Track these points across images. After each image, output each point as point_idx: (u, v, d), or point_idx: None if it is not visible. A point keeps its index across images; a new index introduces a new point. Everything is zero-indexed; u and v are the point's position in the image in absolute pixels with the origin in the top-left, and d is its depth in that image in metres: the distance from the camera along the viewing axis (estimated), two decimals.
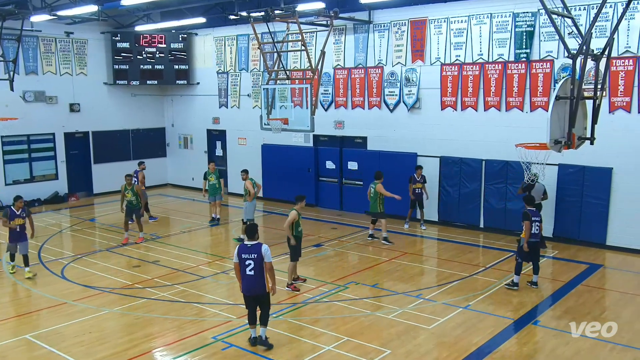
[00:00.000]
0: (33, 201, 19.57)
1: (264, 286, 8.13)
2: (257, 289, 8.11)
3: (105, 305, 10.26)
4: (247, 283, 8.11)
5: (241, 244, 8.22)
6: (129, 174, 15.04)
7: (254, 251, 8.01)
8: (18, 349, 8.54)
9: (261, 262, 8.01)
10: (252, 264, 7.99)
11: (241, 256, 8.07)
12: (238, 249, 8.14)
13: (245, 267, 8.04)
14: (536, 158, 9.72)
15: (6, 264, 12.27)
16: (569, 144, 8.99)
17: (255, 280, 8.05)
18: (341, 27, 17.26)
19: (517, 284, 10.77)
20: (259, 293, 8.15)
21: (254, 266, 7.99)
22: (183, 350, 8.42)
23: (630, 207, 12.88)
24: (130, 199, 14.47)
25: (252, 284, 8.08)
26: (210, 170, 16.56)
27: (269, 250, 8.11)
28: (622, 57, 12.79)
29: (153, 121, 23.00)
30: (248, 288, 8.14)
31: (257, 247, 8.03)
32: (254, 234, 8.15)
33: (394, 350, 8.30)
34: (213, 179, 16.43)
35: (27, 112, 17.18)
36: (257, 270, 8.01)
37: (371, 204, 14.18)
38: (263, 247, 8.03)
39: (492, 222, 15.07)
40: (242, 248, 8.10)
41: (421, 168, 15.44)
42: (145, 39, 21.10)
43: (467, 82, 15.15)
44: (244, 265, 8.04)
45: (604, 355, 8.13)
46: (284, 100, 16.11)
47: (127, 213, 14.56)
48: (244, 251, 8.06)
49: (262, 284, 8.10)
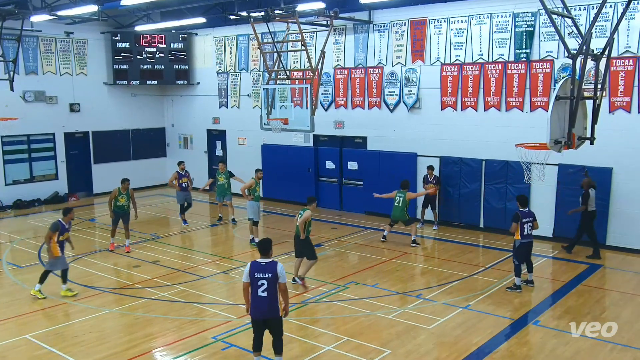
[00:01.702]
0: (33, 201, 19.59)
1: (277, 309, 7.30)
2: (270, 312, 7.25)
3: (105, 305, 10.27)
4: (259, 305, 7.23)
5: (253, 262, 7.37)
6: (127, 179, 14.06)
7: (268, 270, 7.19)
8: (18, 349, 8.54)
9: (276, 282, 7.19)
10: (266, 284, 7.15)
11: (254, 275, 7.22)
12: (250, 267, 7.29)
13: (257, 288, 7.18)
14: (536, 158, 9.71)
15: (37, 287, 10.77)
16: (569, 144, 8.99)
17: (268, 302, 7.19)
18: (341, 27, 17.27)
19: (520, 286, 10.77)
20: (271, 317, 7.29)
21: (267, 287, 7.15)
22: (183, 350, 8.42)
23: (630, 207, 12.88)
24: (123, 203, 13.72)
25: (264, 306, 7.21)
26: (220, 170, 16.47)
27: (284, 269, 7.33)
28: (622, 57, 12.79)
29: (153, 121, 23.00)
30: (259, 311, 7.27)
31: (272, 266, 7.22)
32: (268, 250, 7.37)
33: (394, 350, 8.30)
34: (222, 179, 16.32)
35: (27, 112, 17.20)
36: (271, 292, 7.18)
37: (398, 213, 13.84)
38: (278, 265, 7.25)
39: (492, 222, 15.07)
40: (254, 266, 7.27)
41: (432, 169, 15.38)
42: (145, 39, 21.10)
43: (467, 82, 15.15)
44: (256, 286, 7.19)
45: (604, 355, 8.13)
46: (284, 100, 16.12)
47: (115, 219, 13.84)
48: (257, 270, 7.22)
49: (275, 307, 7.26)
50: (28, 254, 13.73)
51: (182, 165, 16.52)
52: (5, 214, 18.56)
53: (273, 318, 7.33)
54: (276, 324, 7.40)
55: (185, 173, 16.21)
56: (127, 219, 13.93)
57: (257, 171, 14.49)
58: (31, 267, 12.69)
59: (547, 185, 13.27)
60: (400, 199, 13.84)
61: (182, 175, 16.10)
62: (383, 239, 14.37)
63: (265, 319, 7.33)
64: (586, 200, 12.46)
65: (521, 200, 10.97)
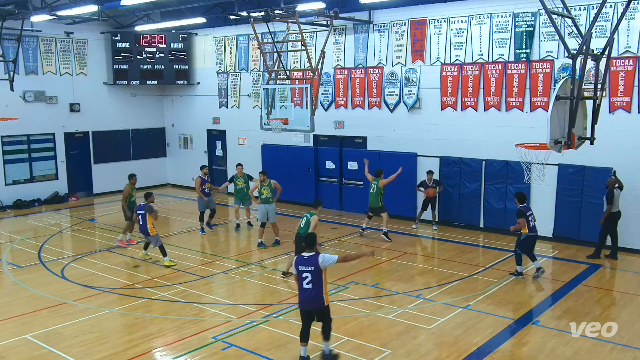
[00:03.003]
0: (33, 201, 19.59)
1: (322, 300, 7.62)
2: (315, 302, 7.62)
3: (105, 305, 10.26)
4: (305, 297, 7.64)
5: (298, 256, 7.77)
6: (134, 174, 14.67)
7: (310, 263, 7.55)
8: (18, 349, 8.53)
9: (319, 274, 7.51)
10: (310, 276, 7.52)
11: (298, 268, 7.64)
12: (295, 260, 7.76)
13: (302, 280, 7.59)
14: (536, 158, 9.72)
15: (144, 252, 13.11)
16: (569, 144, 8.99)
17: (312, 293, 7.56)
18: (341, 27, 17.27)
19: (522, 273, 11.37)
20: (317, 307, 7.64)
21: (311, 279, 7.52)
22: (183, 350, 8.42)
23: (630, 207, 12.87)
24: (136, 197, 14.31)
25: (310, 297, 7.60)
26: (238, 174, 15.64)
27: (326, 256, 7.62)
28: (622, 57, 12.79)
29: (153, 121, 23.00)
30: (306, 302, 7.67)
31: (314, 259, 7.55)
32: (312, 244, 7.75)
33: (394, 350, 8.30)
34: (241, 184, 15.54)
35: (27, 112, 17.17)
36: (315, 283, 7.53)
37: (372, 200, 14.41)
38: (319, 257, 7.56)
39: (492, 222, 15.07)
40: (299, 260, 7.68)
41: (432, 173, 15.31)
42: (145, 39, 21.10)
43: (467, 82, 15.15)
44: (301, 279, 7.59)
45: (604, 355, 8.13)
46: (284, 100, 16.10)
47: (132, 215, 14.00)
48: (301, 263, 7.61)
49: (320, 298, 7.60)
50: (28, 254, 13.72)
51: (205, 170, 15.76)
52: (5, 214, 18.56)
53: (319, 308, 7.66)
54: (323, 313, 7.74)
55: (207, 178, 15.60)
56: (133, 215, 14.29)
57: (260, 173, 14.51)
58: (31, 267, 12.68)
59: (547, 185, 13.27)
60: (375, 185, 14.37)
61: (205, 180, 15.47)
62: (361, 232, 14.67)
63: (313, 309, 7.68)
64: (611, 200, 12.25)
65: (520, 197, 11.51)
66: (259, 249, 13.80)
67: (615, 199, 12.30)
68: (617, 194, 12.34)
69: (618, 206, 12.44)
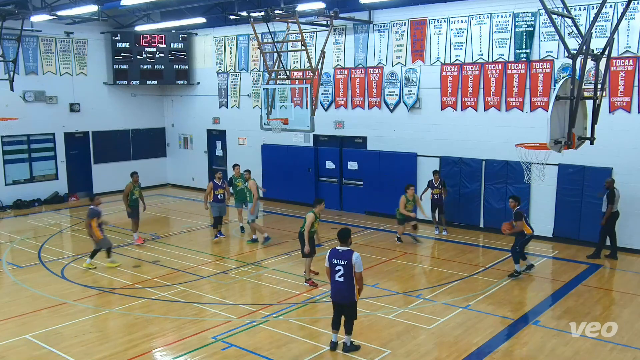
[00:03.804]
0: (33, 201, 19.59)
1: (352, 295, 7.93)
2: (345, 297, 7.93)
3: (105, 305, 10.27)
4: (337, 289, 7.98)
5: (333, 249, 8.06)
6: (136, 172, 14.57)
7: (344, 257, 7.86)
8: (18, 349, 8.54)
9: (351, 269, 7.81)
10: (342, 270, 7.84)
11: (332, 261, 7.95)
12: (329, 253, 8.03)
13: (335, 273, 7.92)
14: (536, 158, 9.72)
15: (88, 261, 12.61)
16: (569, 144, 8.99)
17: (344, 287, 7.89)
18: (341, 27, 17.27)
19: (521, 272, 11.45)
20: (345, 302, 7.97)
21: (343, 272, 7.84)
22: (183, 350, 8.42)
23: (629, 207, 12.87)
24: (138, 196, 14.33)
25: (341, 290, 7.93)
26: (235, 174, 15.17)
27: (360, 258, 7.90)
28: (622, 57, 12.79)
29: (153, 121, 23.00)
30: (337, 294, 8.00)
31: (348, 254, 7.87)
32: (347, 238, 8.01)
33: (394, 350, 8.30)
34: (241, 184, 14.94)
35: (27, 112, 17.17)
36: (347, 277, 7.85)
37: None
38: (354, 255, 7.85)
39: (492, 222, 15.05)
40: (333, 253, 7.99)
41: (438, 173, 15.12)
42: (145, 39, 21.10)
43: (467, 82, 15.15)
44: (334, 271, 7.92)
45: (604, 355, 8.13)
46: (284, 100, 16.09)
47: (134, 213, 14.33)
48: (335, 256, 7.94)
49: (351, 293, 7.91)
50: (28, 254, 13.73)
51: (219, 174, 14.77)
52: (5, 214, 18.56)
53: (349, 302, 7.98)
54: (350, 308, 8.05)
55: (222, 183, 14.58)
56: (138, 212, 14.49)
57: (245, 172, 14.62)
58: (31, 267, 12.69)
59: (547, 185, 13.27)
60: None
61: (218, 185, 14.50)
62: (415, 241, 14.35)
63: (342, 303, 8.01)
64: (612, 200, 12.27)
65: (518, 199, 11.79)
66: (265, 245, 13.87)
67: (616, 199, 12.30)
68: (617, 193, 12.35)
69: (617, 206, 12.45)
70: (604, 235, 12.69)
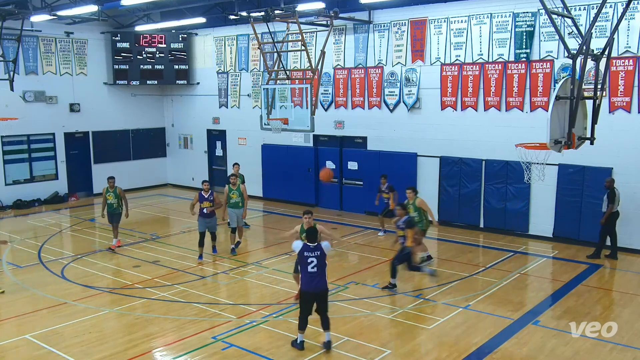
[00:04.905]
0: (33, 201, 19.59)
1: (325, 283, 8.35)
2: (319, 286, 8.28)
3: (105, 305, 10.26)
4: (310, 280, 8.28)
5: (304, 244, 8.39)
6: (112, 176, 14.08)
7: (317, 249, 8.32)
8: (18, 349, 8.54)
9: (324, 258, 8.30)
10: (315, 261, 8.26)
11: (303, 254, 8.32)
12: (301, 248, 8.39)
13: (307, 265, 8.27)
14: (536, 158, 9.71)
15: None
16: (569, 144, 8.98)
17: (317, 277, 8.27)
18: (341, 27, 17.27)
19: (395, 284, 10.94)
20: (319, 291, 8.27)
21: (316, 263, 8.25)
22: (183, 350, 8.42)
23: (630, 207, 12.87)
24: (111, 202, 13.66)
25: (315, 280, 8.25)
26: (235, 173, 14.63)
27: (324, 243, 8.42)
28: (622, 57, 12.79)
29: (153, 121, 23.00)
30: (311, 285, 8.28)
31: (319, 246, 8.37)
32: (315, 237, 8.41)
33: (394, 350, 8.30)
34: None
35: (27, 112, 17.16)
36: (320, 268, 8.28)
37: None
38: (323, 244, 8.41)
39: (492, 222, 15.07)
40: (305, 247, 8.38)
41: (385, 177, 14.67)
42: (145, 39, 21.10)
43: (467, 82, 15.15)
44: (306, 264, 8.26)
45: (604, 355, 8.13)
46: (284, 100, 16.08)
47: (110, 218, 13.83)
48: (307, 250, 8.32)
49: (324, 281, 8.33)
50: (28, 254, 13.72)
51: (206, 185, 13.12)
52: (5, 214, 18.56)
53: (322, 292, 8.30)
54: (324, 297, 8.34)
55: (209, 196, 12.95)
56: (117, 218, 13.85)
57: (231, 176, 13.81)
58: (31, 267, 12.68)
59: (547, 185, 13.26)
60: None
61: (205, 198, 12.92)
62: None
63: (316, 292, 8.26)
64: (613, 199, 12.24)
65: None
66: (232, 255, 13.34)
67: (616, 198, 12.29)
68: (617, 193, 12.34)
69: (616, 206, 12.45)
70: (604, 235, 12.68)
